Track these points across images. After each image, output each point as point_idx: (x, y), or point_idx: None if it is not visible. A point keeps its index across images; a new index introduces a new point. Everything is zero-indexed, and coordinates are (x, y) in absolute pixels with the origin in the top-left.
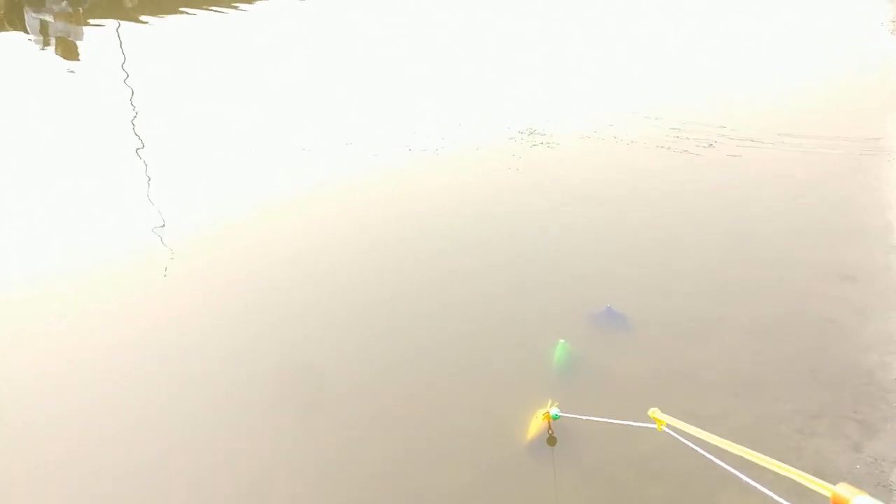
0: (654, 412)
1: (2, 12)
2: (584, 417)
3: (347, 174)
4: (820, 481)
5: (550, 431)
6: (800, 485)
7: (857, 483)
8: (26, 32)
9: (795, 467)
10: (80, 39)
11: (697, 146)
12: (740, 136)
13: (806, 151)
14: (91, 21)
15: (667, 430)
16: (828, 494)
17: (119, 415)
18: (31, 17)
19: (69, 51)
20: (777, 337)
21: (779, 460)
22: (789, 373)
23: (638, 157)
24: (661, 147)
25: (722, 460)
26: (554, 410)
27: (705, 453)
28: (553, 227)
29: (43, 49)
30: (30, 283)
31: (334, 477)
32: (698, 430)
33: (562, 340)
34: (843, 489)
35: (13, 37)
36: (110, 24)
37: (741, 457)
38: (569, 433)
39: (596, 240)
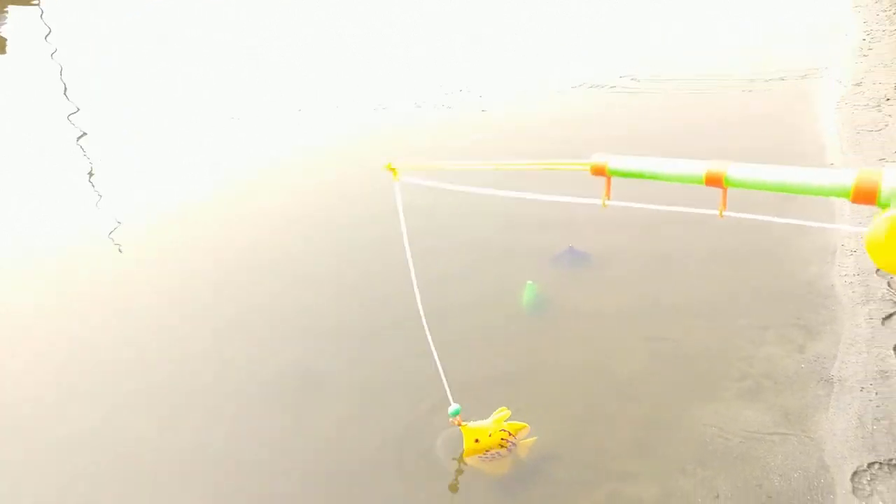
0: (388, 165)
1: None
2: None
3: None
4: (576, 161)
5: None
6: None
7: (803, 380)
8: None
9: (751, 373)
10: (3, 23)
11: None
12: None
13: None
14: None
15: (405, 180)
16: (587, 168)
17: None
18: None
19: None
20: (729, 263)
21: (730, 361)
22: (741, 293)
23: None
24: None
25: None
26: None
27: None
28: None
29: None
30: None
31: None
32: (436, 163)
33: (529, 282)
34: (596, 157)
35: None
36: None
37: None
38: None
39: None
